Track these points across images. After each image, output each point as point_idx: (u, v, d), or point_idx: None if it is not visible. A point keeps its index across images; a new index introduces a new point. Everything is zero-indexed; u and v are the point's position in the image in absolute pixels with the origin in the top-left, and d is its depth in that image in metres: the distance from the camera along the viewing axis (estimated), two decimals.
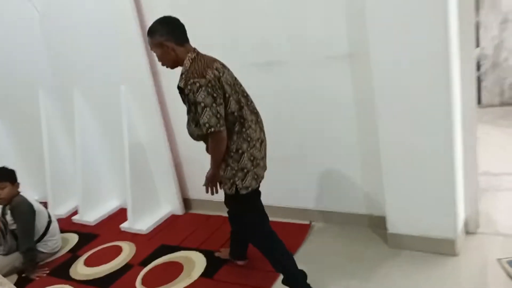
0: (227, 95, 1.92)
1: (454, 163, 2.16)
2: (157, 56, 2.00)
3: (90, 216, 3.52)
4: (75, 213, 3.67)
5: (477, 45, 4.42)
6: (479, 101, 4.63)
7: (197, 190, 3.02)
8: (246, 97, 2.07)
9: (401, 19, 2.00)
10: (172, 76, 2.27)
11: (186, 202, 3.36)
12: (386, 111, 2.18)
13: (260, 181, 2.12)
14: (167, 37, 1.93)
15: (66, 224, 3.54)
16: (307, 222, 2.82)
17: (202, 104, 1.84)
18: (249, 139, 2.00)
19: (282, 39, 2.52)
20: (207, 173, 2.05)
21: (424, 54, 2.00)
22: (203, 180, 2.09)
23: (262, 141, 2.11)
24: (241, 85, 2.08)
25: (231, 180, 2.00)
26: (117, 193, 3.63)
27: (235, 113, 1.96)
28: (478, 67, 4.50)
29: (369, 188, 2.59)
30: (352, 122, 2.50)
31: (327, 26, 2.36)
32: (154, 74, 3.06)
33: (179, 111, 2.64)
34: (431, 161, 2.17)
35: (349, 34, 2.32)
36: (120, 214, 3.49)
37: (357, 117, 2.48)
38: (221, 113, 1.87)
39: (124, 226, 3.26)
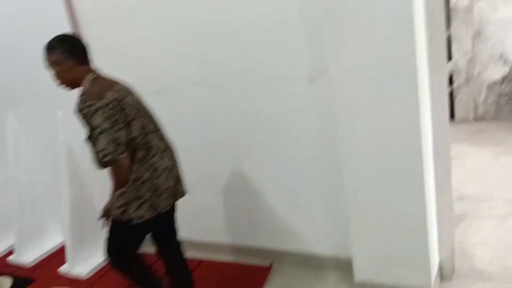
0: (129, 120, 1.76)
1: (426, 199, 1.91)
2: (54, 74, 1.84)
3: (28, 255, 3.13)
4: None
5: (450, 59, 4.29)
6: (453, 116, 4.50)
7: None
8: (154, 122, 1.92)
9: (363, 33, 1.74)
10: None
11: None
12: (349, 137, 1.94)
13: (162, 211, 1.91)
14: (67, 55, 1.81)
15: (0, 266, 3.14)
16: (267, 264, 2.55)
17: (99, 129, 1.69)
18: (153, 168, 1.84)
19: (233, 59, 2.25)
20: (106, 204, 1.88)
21: (390, 70, 1.75)
22: None
23: (171, 170, 1.94)
24: (148, 110, 1.92)
25: (124, 208, 1.82)
26: (60, 227, 3.25)
27: (139, 139, 1.80)
28: (451, 81, 4.37)
29: (335, 227, 2.32)
30: (315, 153, 2.24)
31: (285, 46, 2.10)
32: None
33: None
34: (400, 198, 1.93)
35: (310, 54, 2.06)
36: (63, 253, 3.11)
37: (320, 148, 2.21)
38: (120, 139, 1.72)
39: (63, 269, 2.89)
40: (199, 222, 2.68)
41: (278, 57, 2.13)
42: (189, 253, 2.22)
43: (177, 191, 1.98)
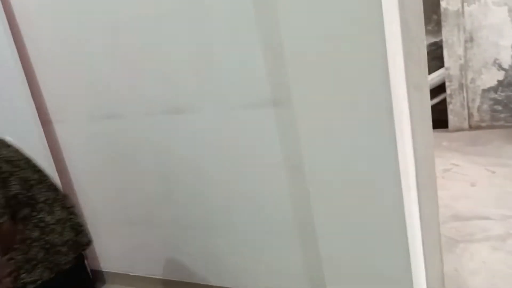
0: (4, 177, 1.58)
1: (408, 233, 1.69)
2: None
3: None
4: None
5: (442, 66, 4.11)
6: (446, 125, 4.29)
7: (111, 260, 2.54)
8: (39, 172, 1.74)
9: (328, 49, 1.55)
10: (70, 123, 1.84)
11: (97, 274, 2.77)
12: (316, 171, 1.75)
13: (64, 267, 1.71)
14: None
15: None
16: None
17: None
18: (42, 224, 1.65)
19: (187, 82, 2.02)
20: None
21: (359, 95, 1.55)
22: (116, 247, 1.77)
23: (66, 221, 1.74)
24: (31, 160, 1.73)
25: (14, 274, 1.62)
26: None
27: (20, 196, 1.61)
28: (444, 89, 4.17)
29: (310, 258, 2.08)
30: (283, 182, 2.00)
31: (244, 66, 1.87)
32: (45, 122, 2.51)
33: (81, 168, 2.18)
34: (378, 232, 1.74)
35: (271, 75, 1.82)
36: None
37: (287, 175, 1.98)
38: None
39: None
40: (161, 259, 2.48)
41: (238, 81, 1.91)
42: None
43: (79, 242, 1.79)
